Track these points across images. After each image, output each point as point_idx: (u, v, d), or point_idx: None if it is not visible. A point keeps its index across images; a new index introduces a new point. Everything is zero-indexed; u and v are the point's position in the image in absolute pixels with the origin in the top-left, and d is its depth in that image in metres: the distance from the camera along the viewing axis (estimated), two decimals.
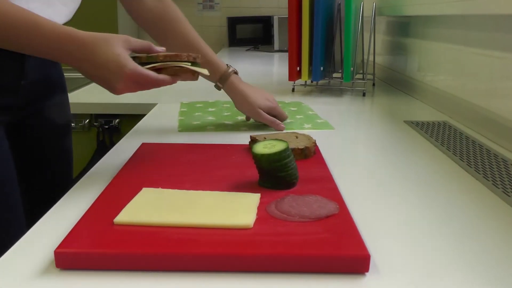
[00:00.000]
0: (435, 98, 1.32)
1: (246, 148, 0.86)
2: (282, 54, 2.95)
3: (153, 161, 0.78)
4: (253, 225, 0.54)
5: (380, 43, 1.90)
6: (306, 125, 1.11)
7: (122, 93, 0.73)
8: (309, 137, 0.86)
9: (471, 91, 1.11)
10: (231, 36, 3.60)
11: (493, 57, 1.01)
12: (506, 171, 0.80)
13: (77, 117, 1.40)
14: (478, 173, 0.79)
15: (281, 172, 0.65)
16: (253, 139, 0.86)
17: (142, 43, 0.76)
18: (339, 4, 1.51)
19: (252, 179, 0.69)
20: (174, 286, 0.46)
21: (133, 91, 0.74)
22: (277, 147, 0.66)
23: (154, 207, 0.58)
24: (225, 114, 1.20)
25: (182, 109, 1.25)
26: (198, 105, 1.31)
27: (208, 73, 0.82)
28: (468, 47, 1.13)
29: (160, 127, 1.08)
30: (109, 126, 1.40)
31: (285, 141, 0.68)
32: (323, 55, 1.47)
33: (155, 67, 0.75)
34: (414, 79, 1.51)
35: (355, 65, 1.52)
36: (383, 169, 0.81)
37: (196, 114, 1.20)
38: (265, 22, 3.60)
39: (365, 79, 1.60)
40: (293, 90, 1.57)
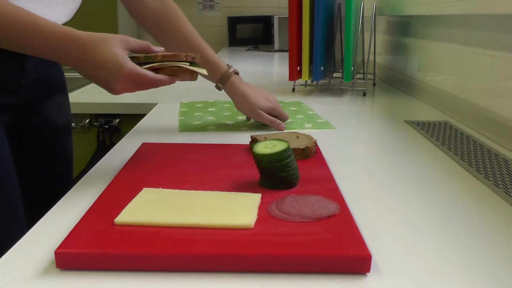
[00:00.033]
0: (435, 98, 1.32)
1: (246, 148, 0.86)
2: (282, 53, 2.95)
3: (153, 161, 0.78)
4: (254, 225, 0.54)
5: (381, 42, 1.90)
6: (306, 124, 1.10)
7: (121, 93, 0.73)
8: (309, 137, 0.86)
9: (472, 91, 1.11)
10: (231, 36, 3.60)
11: (494, 57, 1.01)
12: (507, 171, 0.80)
13: (77, 117, 1.40)
14: (479, 173, 0.79)
15: (282, 172, 0.65)
16: (253, 139, 0.86)
17: (140, 43, 0.75)
18: (340, 3, 1.51)
19: (252, 179, 0.69)
20: (175, 287, 0.46)
21: (131, 91, 0.74)
22: (278, 147, 0.66)
23: (154, 207, 0.58)
24: (225, 114, 1.20)
25: (182, 109, 1.25)
26: (198, 105, 1.31)
27: (206, 73, 0.82)
28: (469, 47, 1.13)
29: (161, 127, 1.08)
30: (109, 126, 1.40)
31: (286, 141, 0.68)
32: (324, 54, 1.47)
33: (153, 67, 0.75)
34: (415, 79, 1.51)
35: (356, 65, 1.52)
36: (384, 169, 0.81)
37: (196, 114, 1.20)
38: (265, 21, 3.60)
39: (366, 79, 1.60)
40: (293, 90, 1.57)
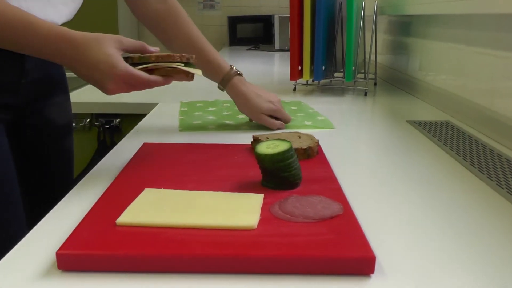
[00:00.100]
0: (437, 97, 1.32)
1: (248, 148, 0.85)
2: (283, 53, 2.95)
3: (155, 161, 0.78)
4: (257, 226, 0.54)
5: (382, 42, 1.90)
6: (306, 122, 1.10)
7: (114, 94, 0.73)
8: (312, 137, 0.86)
9: (473, 91, 1.11)
10: (232, 36, 3.59)
11: (495, 57, 1.01)
12: (510, 170, 0.79)
13: (78, 116, 1.40)
14: (481, 173, 0.78)
15: (284, 172, 0.65)
16: (255, 139, 0.86)
17: (134, 43, 0.75)
18: (341, 3, 1.50)
19: (255, 179, 0.69)
20: None
21: (125, 91, 0.74)
22: (281, 147, 0.66)
23: (156, 207, 0.58)
24: (225, 113, 1.20)
25: (182, 109, 1.25)
26: (198, 104, 1.31)
27: (201, 74, 0.81)
28: (470, 47, 1.13)
29: (161, 127, 1.07)
30: (110, 125, 1.40)
31: (288, 141, 0.67)
32: (325, 54, 1.47)
33: (147, 67, 0.74)
34: (416, 79, 1.50)
35: (357, 65, 1.52)
36: (386, 169, 0.81)
37: (197, 113, 1.20)
38: (266, 21, 3.59)
39: (367, 78, 1.60)
40: (294, 89, 1.56)
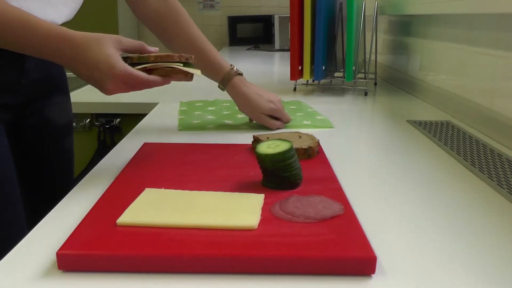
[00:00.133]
0: (437, 97, 1.32)
1: (248, 148, 0.85)
2: (283, 53, 2.95)
3: (155, 161, 0.78)
4: (258, 226, 0.53)
5: (382, 42, 1.90)
6: (305, 121, 1.10)
7: (113, 94, 0.73)
8: (312, 137, 0.86)
9: (474, 91, 1.11)
10: (232, 35, 3.59)
11: (496, 56, 1.01)
12: (511, 170, 0.79)
13: (78, 116, 1.40)
14: (482, 173, 0.78)
15: (285, 172, 0.65)
16: (256, 139, 0.85)
17: (133, 43, 0.75)
18: (341, 3, 1.50)
19: (255, 179, 0.69)
20: None
21: (124, 91, 0.73)
22: (281, 147, 0.66)
23: (157, 208, 0.58)
24: (225, 113, 1.20)
25: (181, 108, 1.25)
26: (197, 104, 1.30)
27: (200, 73, 0.81)
28: (471, 46, 1.13)
29: (162, 127, 1.07)
30: (110, 125, 1.40)
31: (289, 141, 0.67)
32: (325, 54, 1.47)
33: (146, 67, 0.74)
34: (416, 79, 1.50)
35: (357, 64, 1.51)
36: (386, 169, 0.81)
37: (196, 113, 1.20)
38: (266, 21, 3.59)
39: (367, 78, 1.60)
40: (294, 89, 1.56)
